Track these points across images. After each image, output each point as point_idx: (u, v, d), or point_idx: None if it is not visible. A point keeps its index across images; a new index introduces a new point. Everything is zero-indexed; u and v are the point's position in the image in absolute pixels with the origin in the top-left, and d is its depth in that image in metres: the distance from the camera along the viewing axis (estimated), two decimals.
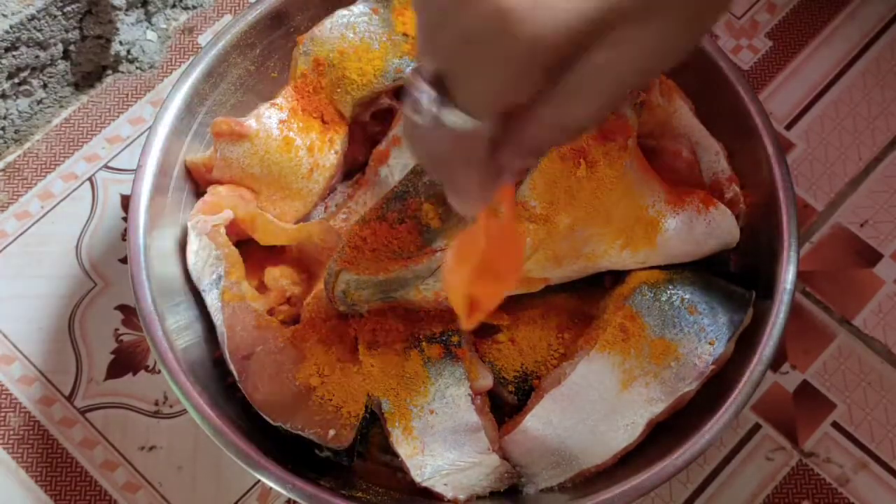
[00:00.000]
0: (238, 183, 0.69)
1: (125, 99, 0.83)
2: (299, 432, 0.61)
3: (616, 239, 0.62)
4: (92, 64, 0.82)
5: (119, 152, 0.81)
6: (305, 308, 0.66)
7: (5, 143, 0.80)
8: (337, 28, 0.71)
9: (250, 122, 0.69)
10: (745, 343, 0.63)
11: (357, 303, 0.63)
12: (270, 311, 0.67)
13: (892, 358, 0.74)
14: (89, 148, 0.81)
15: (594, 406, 0.61)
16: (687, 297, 0.64)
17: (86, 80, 0.83)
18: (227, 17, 0.86)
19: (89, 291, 0.76)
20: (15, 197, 0.79)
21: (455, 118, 0.39)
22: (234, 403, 0.63)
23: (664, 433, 0.63)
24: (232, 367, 0.63)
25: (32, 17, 0.74)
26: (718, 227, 0.66)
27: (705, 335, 0.62)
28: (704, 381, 0.62)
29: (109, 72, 0.84)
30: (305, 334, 0.64)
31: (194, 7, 0.86)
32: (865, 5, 0.86)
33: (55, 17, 0.76)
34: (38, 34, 0.76)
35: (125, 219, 0.78)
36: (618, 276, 0.67)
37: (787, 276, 0.64)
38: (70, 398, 0.73)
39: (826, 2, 0.86)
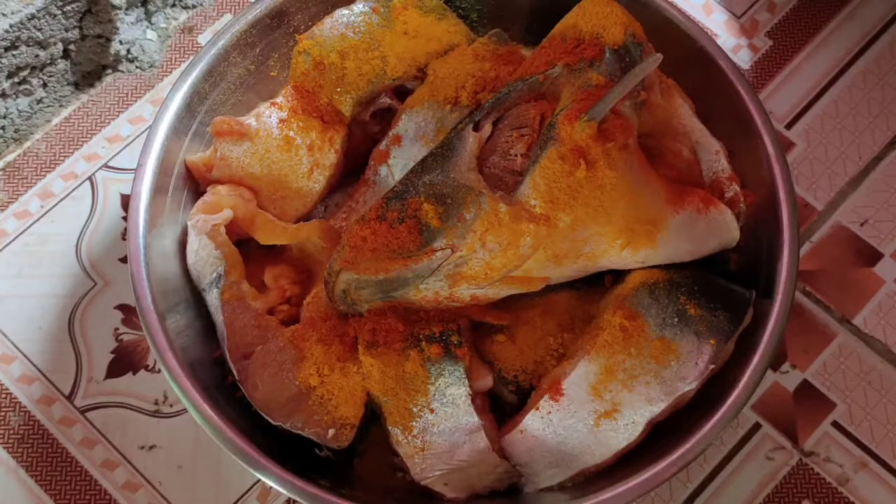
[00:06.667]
0: (238, 182, 0.69)
1: (125, 98, 0.83)
2: (299, 432, 0.61)
3: (616, 238, 0.62)
4: (92, 63, 0.82)
5: (119, 152, 0.81)
6: (305, 308, 0.66)
7: (5, 142, 0.80)
8: (337, 27, 0.71)
9: (250, 122, 0.69)
10: (745, 343, 0.63)
11: (357, 302, 0.63)
12: (270, 311, 0.67)
13: (892, 357, 0.74)
14: (89, 147, 0.81)
15: (594, 405, 0.61)
16: (687, 296, 0.64)
17: (86, 79, 0.83)
18: (227, 17, 0.86)
19: (89, 291, 0.76)
20: (15, 196, 0.79)
21: None
22: (234, 403, 0.63)
23: (664, 433, 0.63)
24: (232, 366, 0.63)
25: (32, 17, 0.74)
26: (718, 227, 0.66)
27: (705, 335, 0.62)
28: (704, 380, 0.62)
29: (109, 71, 0.84)
30: (305, 334, 0.64)
31: (194, 6, 0.86)
32: (865, 5, 0.86)
33: (55, 16, 0.76)
34: (38, 33, 0.76)
35: (125, 218, 0.78)
36: (618, 276, 0.67)
37: (788, 275, 0.64)
38: (70, 397, 0.73)
39: (826, 1, 0.86)
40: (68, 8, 0.77)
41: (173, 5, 0.85)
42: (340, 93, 0.70)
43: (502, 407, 0.66)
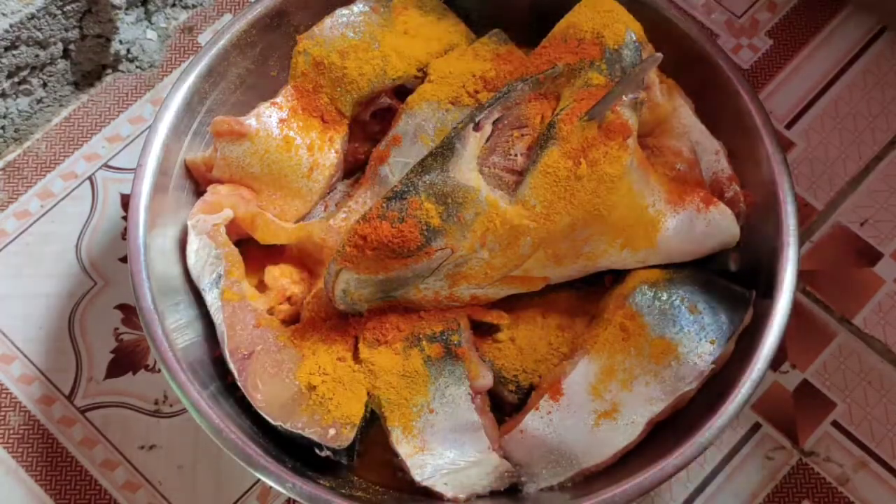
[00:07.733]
0: (238, 182, 0.69)
1: (125, 98, 0.83)
2: (299, 431, 0.61)
3: (616, 238, 0.62)
4: (92, 63, 0.82)
5: (119, 151, 0.81)
6: (305, 307, 0.66)
7: (5, 142, 0.80)
8: (337, 27, 0.71)
9: (250, 122, 0.69)
10: (745, 342, 0.63)
11: (357, 302, 0.63)
12: (270, 311, 0.67)
13: (892, 357, 0.74)
14: (89, 147, 0.81)
15: (594, 405, 0.61)
16: (687, 296, 0.64)
17: (86, 79, 0.83)
18: (227, 16, 0.86)
19: (89, 290, 0.76)
20: (15, 196, 0.79)
21: None
22: (234, 403, 0.63)
23: (664, 433, 0.63)
24: (232, 366, 0.63)
25: (32, 16, 0.74)
26: (718, 227, 0.66)
27: (705, 334, 0.62)
28: (704, 380, 0.62)
29: (109, 71, 0.84)
30: (305, 333, 0.64)
31: (194, 6, 0.86)
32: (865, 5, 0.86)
33: (55, 15, 0.76)
34: (38, 33, 0.76)
35: (125, 218, 0.78)
36: (618, 276, 0.67)
37: (788, 275, 0.64)
38: (70, 397, 0.73)
39: (826, 1, 0.86)
40: (68, 8, 0.77)
41: (173, 5, 0.85)
42: (340, 93, 0.70)
43: (502, 407, 0.66)
